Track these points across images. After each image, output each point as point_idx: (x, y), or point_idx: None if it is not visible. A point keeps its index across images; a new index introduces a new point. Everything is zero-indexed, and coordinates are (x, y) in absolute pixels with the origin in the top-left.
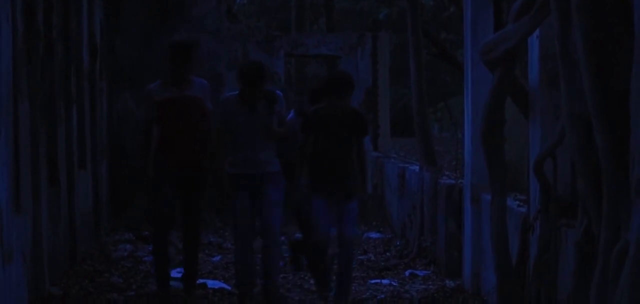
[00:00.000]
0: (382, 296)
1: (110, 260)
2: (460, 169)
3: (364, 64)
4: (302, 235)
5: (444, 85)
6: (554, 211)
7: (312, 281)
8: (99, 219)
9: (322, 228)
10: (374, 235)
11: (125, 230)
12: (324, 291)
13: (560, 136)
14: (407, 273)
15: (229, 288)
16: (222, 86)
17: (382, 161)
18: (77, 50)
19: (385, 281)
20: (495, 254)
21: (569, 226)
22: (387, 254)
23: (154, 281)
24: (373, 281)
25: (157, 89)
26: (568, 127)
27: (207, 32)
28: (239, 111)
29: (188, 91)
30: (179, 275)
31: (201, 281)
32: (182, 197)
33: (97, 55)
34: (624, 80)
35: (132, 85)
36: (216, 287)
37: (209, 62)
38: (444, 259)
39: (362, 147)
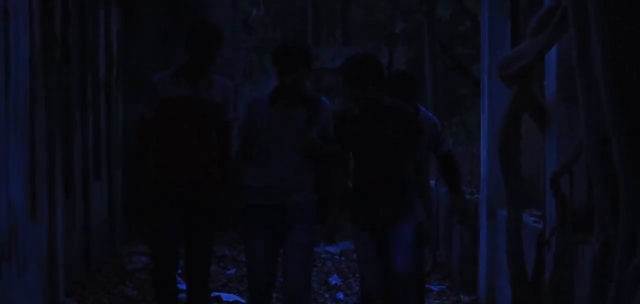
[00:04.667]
0: None
1: (125, 271)
2: (475, 183)
3: None
4: None
5: (459, 99)
6: (570, 226)
7: None
8: (113, 229)
9: (370, 276)
10: None
11: (140, 241)
12: None
13: (577, 151)
14: None
15: (243, 301)
16: (237, 97)
17: None
18: (93, 58)
19: None
20: (511, 270)
21: (585, 242)
22: None
23: None
24: None
25: (164, 82)
26: (585, 141)
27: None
28: (267, 115)
29: (205, 92)
30: None
31: (215, 294)
32: (186, 234)
33: (113, 63)
34: None
35: None
36: (230, 300)
37: (224, 72)
38: (459, 273)
39: (418, 154)
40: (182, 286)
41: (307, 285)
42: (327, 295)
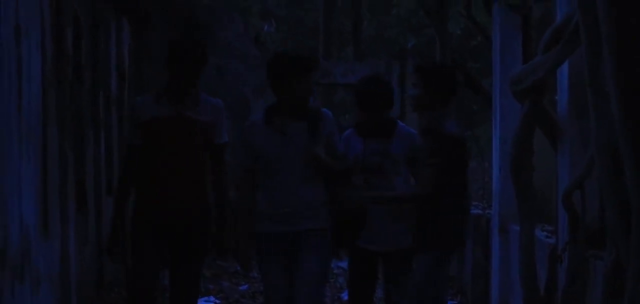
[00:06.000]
0: None
1: None
2: (487, 198)
3: None
4: None
5: (471, 114)
6: (583, 241)
7: None
8: (126, 244)
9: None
10: None
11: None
12: None
13: (589, 167)
14: None
15: None
16: (248, 113)
17: None
18: (105, 75)
19: None
20: (523, 285)
21: (598, 258)
22: None
23: None
24: None
25: (146, 104)
26: (597, 157)
27: (234, 57)
28: (265, 137)
29: (190, 111)
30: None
31: None
32: (172, 264)
33: (125, 78)
34: None
35: None
36: None
37: (235, 87)
38: (471, 289)
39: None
40: None
41: None
42: None
